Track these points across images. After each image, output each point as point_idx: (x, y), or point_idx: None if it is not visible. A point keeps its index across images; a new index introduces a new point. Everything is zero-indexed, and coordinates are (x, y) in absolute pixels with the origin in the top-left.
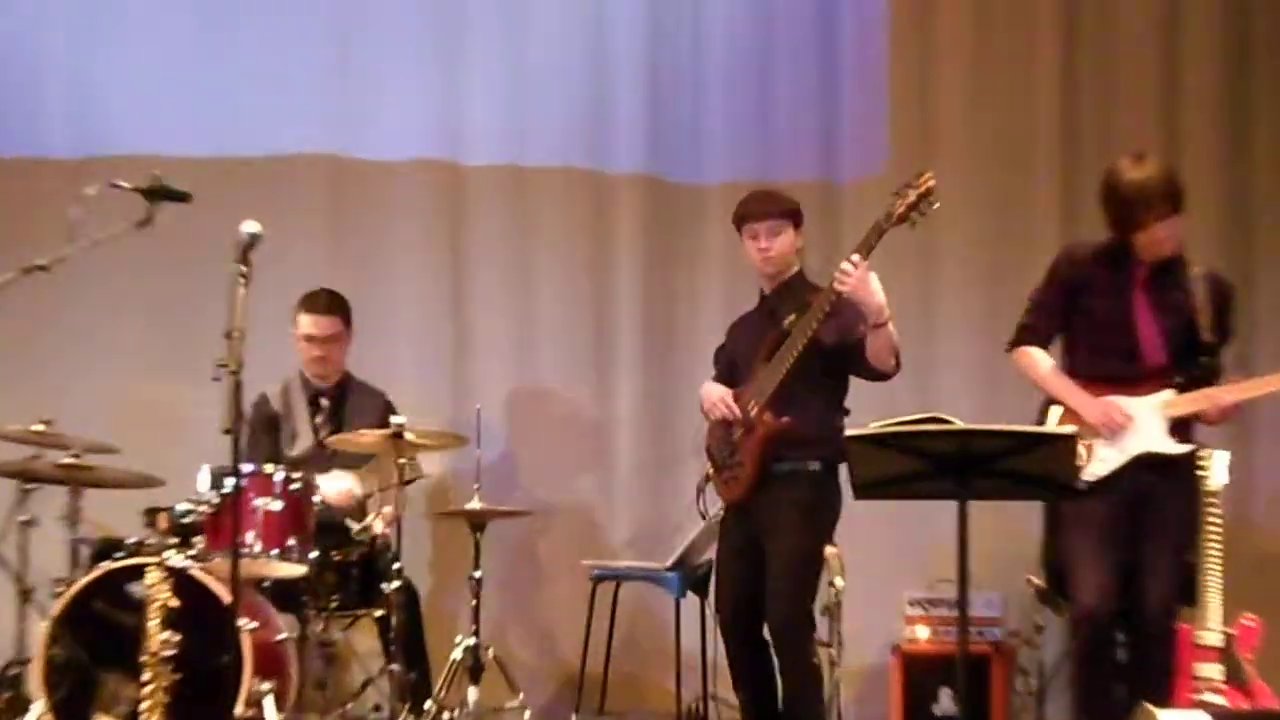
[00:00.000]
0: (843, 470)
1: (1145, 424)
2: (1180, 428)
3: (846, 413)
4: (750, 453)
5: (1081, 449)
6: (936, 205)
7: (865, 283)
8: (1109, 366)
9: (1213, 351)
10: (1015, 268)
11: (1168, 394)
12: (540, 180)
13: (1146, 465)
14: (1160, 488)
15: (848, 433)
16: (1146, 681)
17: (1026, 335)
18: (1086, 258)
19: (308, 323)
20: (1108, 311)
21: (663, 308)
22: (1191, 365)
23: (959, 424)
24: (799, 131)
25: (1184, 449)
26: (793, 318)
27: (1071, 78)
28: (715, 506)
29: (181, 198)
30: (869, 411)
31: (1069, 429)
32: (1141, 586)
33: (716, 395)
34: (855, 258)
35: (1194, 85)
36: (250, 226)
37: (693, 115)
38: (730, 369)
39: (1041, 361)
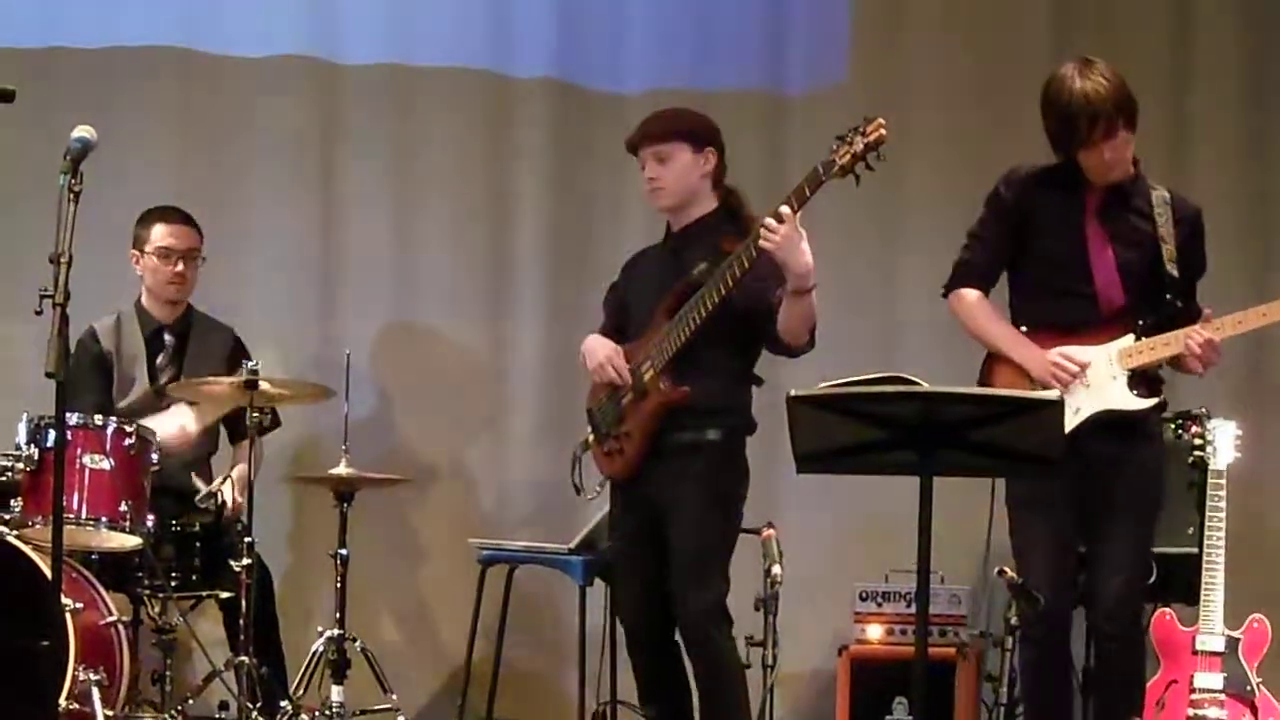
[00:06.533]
0: (752, 443)
1: (1101, 377)
2: (1147, 382)
3: (759, 382)
4: (640, 423)
5: None
6: (884, 159)
7: (794, 241)
8: (1061, 312)
9: (1181, 289)
10: None
11: (1127, 340)
12: (428, 83)
13: (1105, 428)
14: (1123, 456)
15: (791, 392)
16: (1107, 694)
17: (964, 276)
18: (1030, 183)
19: (164, 233)
20: (1057, 246)
21: (574, 236)
22: (1159, 307)
23: (924, 385)
24: (740, 30)
25: (1147, 404)
26: (703, 267)
27: None
28: (595, 482)
29: (4, 96)
30: (826, 370)
31: (1053, 394)
32: (1097, 578)
33: (603, 355)
34: (785, 210)
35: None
36: (82, 132)
37: (612, 7)
38: (622, 315)
39: (980, 307)
